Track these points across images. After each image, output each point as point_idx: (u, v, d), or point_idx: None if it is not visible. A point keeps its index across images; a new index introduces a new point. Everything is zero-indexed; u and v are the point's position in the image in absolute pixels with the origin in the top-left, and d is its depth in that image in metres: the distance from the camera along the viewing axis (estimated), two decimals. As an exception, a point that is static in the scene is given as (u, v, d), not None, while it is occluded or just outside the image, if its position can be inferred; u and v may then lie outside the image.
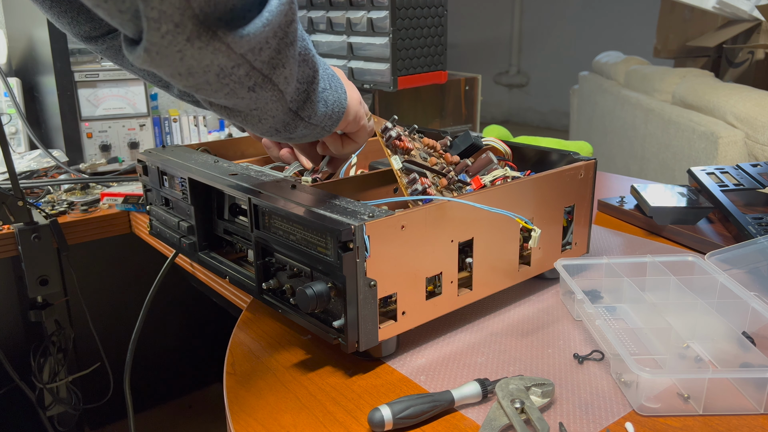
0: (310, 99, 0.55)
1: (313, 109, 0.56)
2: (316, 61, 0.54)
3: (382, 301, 0.60)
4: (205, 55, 0.43)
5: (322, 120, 0.59)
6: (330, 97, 0.59)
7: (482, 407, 0.55)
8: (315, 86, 0.55)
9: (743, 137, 2.07)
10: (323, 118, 0.59)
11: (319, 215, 0.58)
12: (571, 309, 0.71)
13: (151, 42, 0.40)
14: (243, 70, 0.46)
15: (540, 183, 0.71)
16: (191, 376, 1.83)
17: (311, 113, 0.57)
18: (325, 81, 0.58)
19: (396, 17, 1.15)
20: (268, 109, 0.52)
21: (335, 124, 0.62)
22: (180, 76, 0.44)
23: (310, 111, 0.56)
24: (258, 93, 0.49)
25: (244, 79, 0.47)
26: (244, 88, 0.47)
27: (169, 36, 0.40)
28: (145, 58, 0.42)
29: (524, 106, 6.10)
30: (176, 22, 0.40)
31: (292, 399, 0.58)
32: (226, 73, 0.45)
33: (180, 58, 0.42)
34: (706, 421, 0.53)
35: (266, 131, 0.56)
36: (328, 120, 0.60)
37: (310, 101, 0.56)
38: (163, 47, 0.41)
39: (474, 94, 1.64)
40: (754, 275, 0.71)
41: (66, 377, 1.26)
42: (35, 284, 1.07)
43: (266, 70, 0.47)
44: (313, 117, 0.57)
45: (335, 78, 0.61)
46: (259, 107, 0.51)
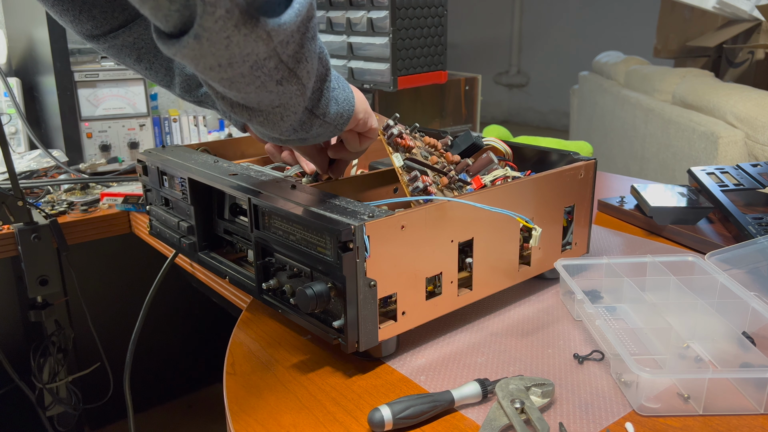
0: (324, 97, 0.57)
1: (327, 107, 0.58)
2: (328, 59, 0.55)
3: (382, 301, 0.60)
4: (249, 43, 0.43)
5: (335, 118, 0.60)
6: (340, 95, 0.60)
7: (482, 407, 0.55)
8: (328, 84, 0.57)
9: (743, 137, 2.07)
10: (336, 116, 0.60)
11: (319, 215, 0.58)
12: (571, 309, 0.71)
13: (203, 27, 0.41)
14: (273, 62, 0.47)
15: (540, 183, 0.71)
16: (191, 376, 1.83)
17: (325, 111, 0.58)
18: (334, 81, 0.60)
19: (396, 17, 1.15)
20: (291, 105, 0.53)
21: (347, 123, 0.63)
22: (220, 68, 0.45)
23: (324, 109, 0.57)
24: (285, 87, 0.50)
25: (273, 72, 0.48)
26: (273, 81, 0.49)
27: (221, 21, 0.41)
28: (193, 46, 0.42)
29: (524, 106, 6.10)
30: (227, 8, 0.41)
31: (292, 399, 0.58)
32: (259, 65, 0.46)
33: (226, 46, 0.43)
34: (706, 421, 0.53)
35: (285, 130, 0.56)
36: (340, 118, 0.61)
37: (324, 99, 0.57)
38: (214, 33, 0.41)
39: (474, 94, 1.64)
40: (754, 275, 0.71)
41: (66, 377, 1.26)
42: (35, 284, 1.07)
43: (292, 63, 0.49)
44: (327, 115, 0.59)
45: (340, 78, 0.63)
46: (283, 103, 0.52)
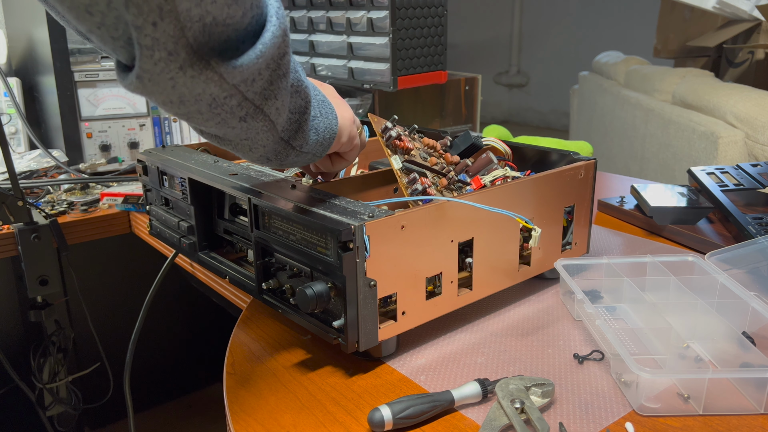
0: (302, 129, 0.56)
1: (305, 138, 0.57)
2: (308, 92, 0.55)
3: (382, 301, 0.60)
4: (197, 84, 0.43)
5: (314, 148, 0.60)
6: (321, 124, 0.60)
7: (482, 407, 0.55)
8: (307, 116, 0.56)
9: (743, 137, 2.06)
10: (314, 146, 0.60)
11: (319, 215, 0.58)
12: (571, 309, 0.71)
13: (143, 69, 0.40)
14: (235, 100, 0.46)
15: (540, 183, 0.71)
16: (191, 376, 1.83)
17: (303, 142, 0.57)
18: (316, 109, 0.59)
19: (396, 17, 1.15)
20: (259, 139, 0.52)
21: (326, 150, 0.63)
22: (171, 104, 0.44)
23: (301, 140, 0.57)
24: (249, 123, 0.49)
25: (236, 109, 0.47)
26: (235, 118, 0.48)
27: (162, 63, 0.40)
28: (137, 85, 0.42)
29: (524, 106, 6.10)
30: (169, 50, 0.40)
31: (292, 399, 0.58)
32: (218, 102, 0.45)
33: (172, 86, 0.42)
34: (706, 421, 0.53)
35: (257, 159, 0.56)
36: (319, 147, 0.61)
37: (301, 131, 0.56)
38: (155, 74, 0.41)
39: (474, 94, 1.64)
40: (754, 275, 0.71)
41: (66, 377, 1.26)
42: (35, 284, 1.07)
43: (258, 101, 0.48)
44: (305, 146, 0.58)
45: (326, 104, 0.61)
46: (249, 137, 0.52)
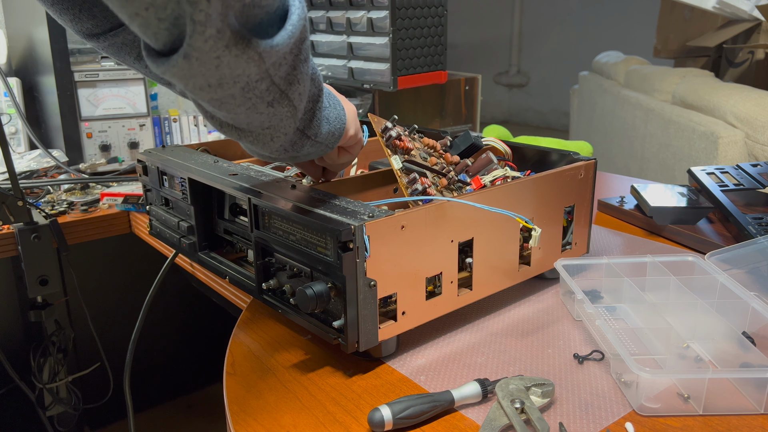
0: (316, 117, 0.56)
1: (318, 127, 0.57)
2: (321, 80, 0.55)
3: (382, 301, 0.60)
4: (240, 64, 0.43)
5: (327, 138, 0.60)
6: (331, 114, 0.60)
7: (482, 407, 0.55)
8: (320, 104, 0.57)
9: (743, 137, 2.06)
10: (327, 135, 0.60)
11: (319, 215, 0.58)
12: (571, 309, 0.71)
13: (193, 47, 0.40)
14: (265, 84, 0.46)
15: (540, 183, 0.71)
16: (191, 376, 1.83)
17: (317, 131, 0.58)
18: (326, 99, 0.59)
19: (396, 17, 1.15)
20: (282, 126, 0.53)
21: (338, 141, 0.63)
22: (209, 88, 0.44)
23: (315, 129, 0.57)
24: (276, 109, 0.50)
25: (265, 93, 0.47)
26: (264, 102, 0.48)
27: (211, 41, 0.40)
28: (182, 66, 0.41)
29: (524, 106, 6.10)
30: (218, 28, 0.40)
31: (292, 399, 0.58)
32: (251, 86, 0.46)
33: (216, 66, 0.42)
34: (706, 421, 0.53)
35: (276, 150, 0.56)
36: (332, 137, 0.61)
37: (315, 119, 0.57)
38: (204, 52, 0.41)
39: (474, 94, 1.64)
40: (754, 275, 0.71)
41: (66, 377, 1.26)
42: (35, 284, 1.07)
43: (284, 85, 0.48)
44: (319, 135, 0.58)
45: (332, 95, 0.62)
46: (273, 125, 0.52)
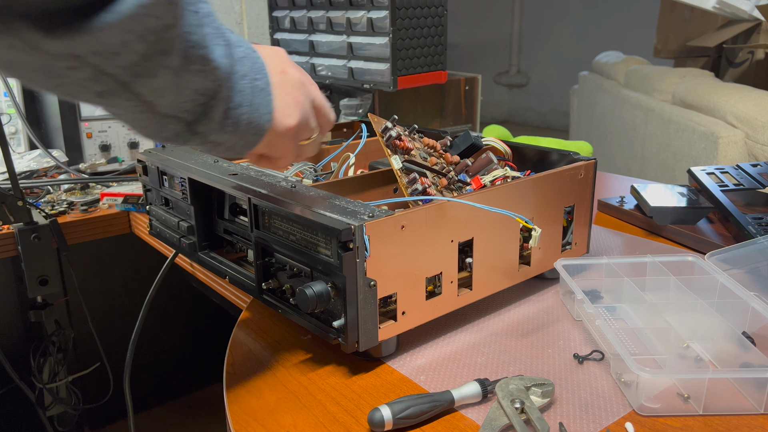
0: (209, 115, 0.47)
1: (212, 126, 0.48)
2: (219, 74, 0.46)
3: (382, 301, 0.60)
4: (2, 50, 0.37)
5: (229, 140, 0.51)
6: (244, 116, 0.50)
7: (482, 407, 0.55)
8: (219, 102, 0.47)
9: (743, 137, 2.06)
10: (230, 137, 0.51)
11: (319, 215, 0.58)
12: (571, 309, 0.71)
13: None
14: (86, 73, 0.40)
15: (540, 183, 0.71)
16: (191, 376, 1.83)
17: (209, 130, 0.49)
18: (243, 96, 0.49)
19: (396, 17, 1.15)
20: (135, 119, 0.46)
21: (249, 146, 0.53)
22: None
23: (207, 127, 0.48)
24: (110, 100, 0.43)
25: (88, 83, 0.41)
26: (88, 92, 0.42)
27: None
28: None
29: (524, 106, 6.10)
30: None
31: (292, 399, 0.58)
32: (54, 73, 0.39)
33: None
34: (706, 421, 0.53)
35: (155, 138, 0.49)
36: (240, 140, 0.51)
37: (209, 118, 0.48)
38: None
39: (474, 94, 1.64)
40: (754, 275, 0.71)
41: (66, 377, 1.26)
42: (35, 284, 1.07)
43: (125, 76, 0.41)
44: (213, 135, 0.49)
45: (261, 94, 0.51)
46: (120, 115, 0.46)
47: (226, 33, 0.47)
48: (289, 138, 0.55)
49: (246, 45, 0.50)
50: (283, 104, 0.54)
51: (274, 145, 0.55)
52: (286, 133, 0.55)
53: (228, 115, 0.49)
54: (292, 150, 0.57)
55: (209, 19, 0.44)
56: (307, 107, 0.56)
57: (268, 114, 0.52)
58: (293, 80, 0.55)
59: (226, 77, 0.46)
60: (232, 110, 0.49)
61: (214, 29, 0.45)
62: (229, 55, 0.47)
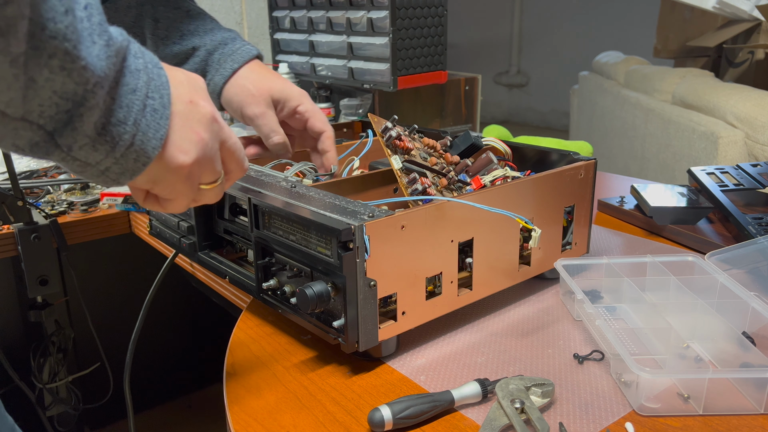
0: (74, 126, 0.38)
1: (78, 139, 0.39)
2: (89, 76, 0.37)
3: (382, 301, 0.60)
4: None
5: (102, 161, 0.41)
6: (126, 136, 0.41)
7: (482, 407, 0.55)
8: (89, 111, 0.38)
9: (743, 137, 2.07)
10: (104, 158, 0.41)
11: (319, 215, 0.58)
12: (571, 309, 0.71)
13: None
14: None
15: (540, 183, 0.71)
16: (191, 376, 1.83)
17: (73, 143, 0.39)
18: (129, 113, 0.41)
19: (396, 17, 1.15)
20: None
21: (128, 175, 0.42)
22: None
23: (71, 140, 0.39)
24: None
25: None
26: None
27: None
28: None
29: (524, 106, 6.10)
30: None
31: (292, 399, 0.58)
32: None
33: None
34: (706, 421, 0.53)
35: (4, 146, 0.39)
36: (114, 164, 0.41)
37: (73, 128, 0.38)
38: None
39: (474, 94, 1.64)
40: (754, 275, 0.71)
41: (66, 377, 1.26)
42: (35, 284, 1.08)
43: None
44: (79, 150, 0.40)
45: (154, 116, 0.42)
46: None
47: (114, 35, 0.39)
48: (180, 177, 0.46)
49: (149, 59, 0.43)
50: (180, 137, 0.44)
51: (161, 182, 0.46)
52: (176, 171, 0.45)
53: (104, 131, 0.40)
54: (184, 193, 0.47)
55: (86, 11, 0.37)
56: (211, 147, 0.47)
57: (158, 141, 0.43)
58: (202, 114, 0.46)
59: (100, 83, 0.38)
60: (111, 126, 0.40)
61: (95, 24, 0.38)
62: (111, 58, 0.38)
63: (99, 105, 0.38)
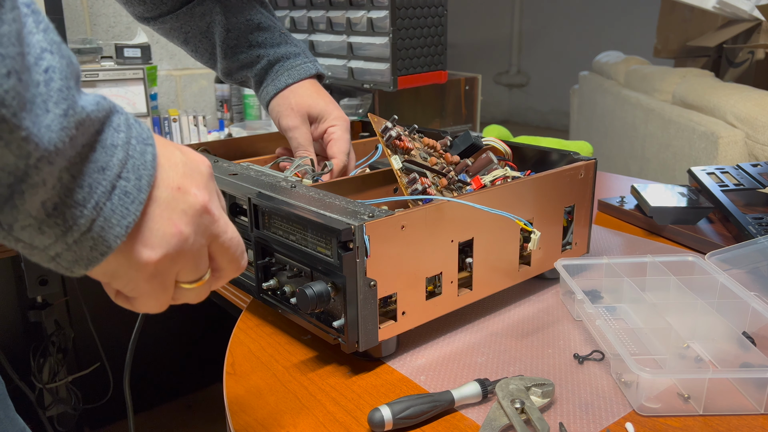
0: (13, 202, 0.32)
1: (19, 218, 0.33)
2: (32, 150, 0.31)
3: (382, 301, 0.60)
4: None
5: (51, 246, 0.34)
6: (82, 221, 0.34)
7: (482, 407, 0.55)
8: (30, 187, 0.32)
9: (743, 137, 2.06)
10: (53, 243, 0.34)
11: (319, 215, 0.58)
12: (571, 309, 0.71)
13: None
14: None
15: (540, 183, 0.71)
16: (191, 376, 1.83)
17: (13, 222, 0.33)
18: (91, 194, 0.34)
19: (396, 17, 1.15)
20: None
21: (83, 265, 0.36)
22: None
23: (11, 218, 0.33)
24: None
25: None
26: None
27: None
28: None
29: (524, 106, 6.10)
30: None
31: (291, 399, 0.58)
32: None
33: None
34: (707, 422, 0.53)
35: None
36: (66, 251, 0.35)
37: (13, 206, 0.32)
38: None
39: (474, 94, 1.64)
40: (754, 275, 0.71)
41: (66, 377, 1.27)
42: (35, 284, 1.08)
43: None
44: (21, 231, 0.33)
45: (124, 200, 0.35)
46: None
47: (83, 104, 0.33)
48: (144, 275, 0.38)
49: (137, 133, 0.37)
50: (152, 228, 0.37)
51: (121, 278, 0.38)
52: (139, 267, 0.37)
53: (55, 212, 0.33)
54: (151, 292, 0.40)
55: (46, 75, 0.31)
56: (193, 242, 0.39)
57: (122, 229, 0.35)
58: (188, 204, 0.38)
59: (46, 158, 0.31)
60: (64, 207, 0.33)
61: (53, 90, 0.32)
62: (67, 130, 0.32)
63: (46, 183, 0.32)
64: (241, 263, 0.44)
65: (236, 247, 0.43)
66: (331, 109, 0.85)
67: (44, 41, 0.32)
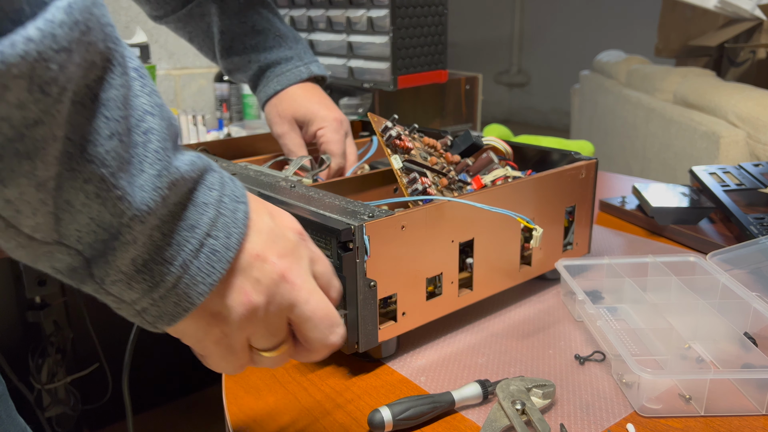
0: (106, 258, 0.32)
1: (108, 272, 0.33)
2: (126, 210, 0.31)
3: (382, 301, 0.60)
4: None
5: (138, 300, 0.34)
6: (168, 275, 0.34)
7: (483, 408, 0.55)
8: (122, 245, 0.32)
9: (745, 137, 2.06)
10: (135, 295, 0.34)
11: (319, 215, 0.57)
12: (572, 309, 0.71)
13: None
14: None
15: (541, 183, 0.71)
16: (191, 376, 1.83)
17: (104, 276, 0.33)
18: (181, 252, 0.34)
19: (396, 16, 1.15)
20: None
21: (166, 320, 0.35)
22: None
23: (103, 272, 0.33)
24: None
25: None
26: None
27: None
28: None
29: (525, 105, 6.10)
30: None
31: (291, 400, 0.57)
32: None
33: None
34: (708, 422, 0.53)
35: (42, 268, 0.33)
36: (152, 305, 0.35)
37: (105, 260, 0.32)
38: None
39: (474, 94, 1.63)
40: (755, 275, 0.71)
41: (64, 378, 1.26)
42: (33, 284, 1.07)
43: None
44: (108, 284, 0.33)
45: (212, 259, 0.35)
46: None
47: (178, 165, 0.33)
48: (210, 337, 0.38)
49: (230, 191, 0.36)
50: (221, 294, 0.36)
51: (190, 337, 0.38)
52: (206, 331, 0.37)
53: (144, 269, 0.33)
54: (218, 354, 0.39)
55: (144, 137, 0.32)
56: (265, 312, 0.38)
57: (207, 287, 0.35)
58: (265, 273, 0.37)
59: (139, 217, 0.32)
60: (153, 264, 0.34)
61: (150, 151, 0.32)
62: (160, 190, 0.32)
63: (137, 241, 0.32)
64: (330, 337, 0.40)
65: (321, 319, 0.39)
66: (317, 111, 0.84)
67: (147, 104, 0.32)
